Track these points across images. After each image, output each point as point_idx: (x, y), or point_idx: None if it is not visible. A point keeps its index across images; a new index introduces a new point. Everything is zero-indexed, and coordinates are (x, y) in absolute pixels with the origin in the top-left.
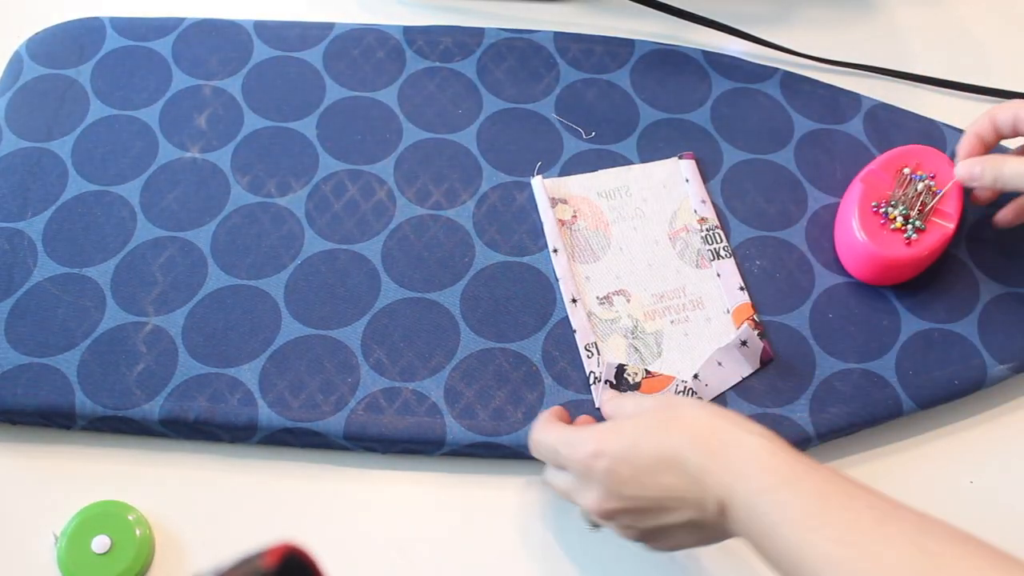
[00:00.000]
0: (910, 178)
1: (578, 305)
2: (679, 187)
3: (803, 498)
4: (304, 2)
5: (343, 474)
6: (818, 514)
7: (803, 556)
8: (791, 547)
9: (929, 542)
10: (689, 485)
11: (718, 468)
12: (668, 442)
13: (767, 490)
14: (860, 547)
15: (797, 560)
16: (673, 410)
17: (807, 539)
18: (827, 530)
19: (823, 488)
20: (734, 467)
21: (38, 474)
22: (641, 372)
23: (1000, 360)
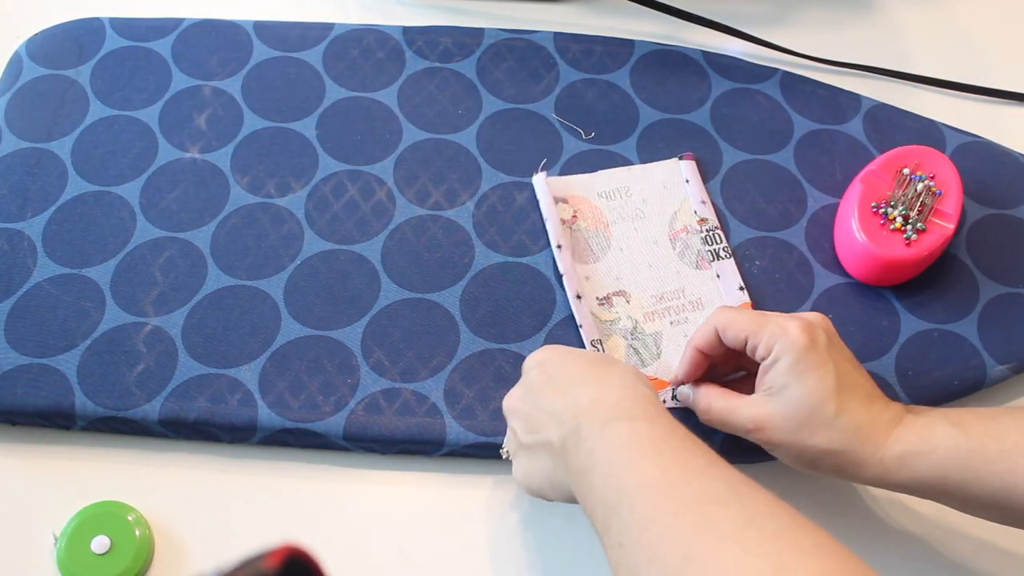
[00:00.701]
0: (910, 178)
1: (582, 302)
2: (679, 188)
3: (652, 431)
4: (304, 2)
5: (343, 474)
6: (658, 445)
7: (624, 477)
8: (617, 470)
9: (743, 488)
10: (568, 407)
11: (600, 399)
12: (588, 370)
13: (625, 418)
14: (676, 476)
15: (616, 483)
16: (609, 359)
17: (636, 461)
18: (657, 458)
19: (676, 432)
20: (612, 401)
21: (38, 474)
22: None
23: (1000, 360)
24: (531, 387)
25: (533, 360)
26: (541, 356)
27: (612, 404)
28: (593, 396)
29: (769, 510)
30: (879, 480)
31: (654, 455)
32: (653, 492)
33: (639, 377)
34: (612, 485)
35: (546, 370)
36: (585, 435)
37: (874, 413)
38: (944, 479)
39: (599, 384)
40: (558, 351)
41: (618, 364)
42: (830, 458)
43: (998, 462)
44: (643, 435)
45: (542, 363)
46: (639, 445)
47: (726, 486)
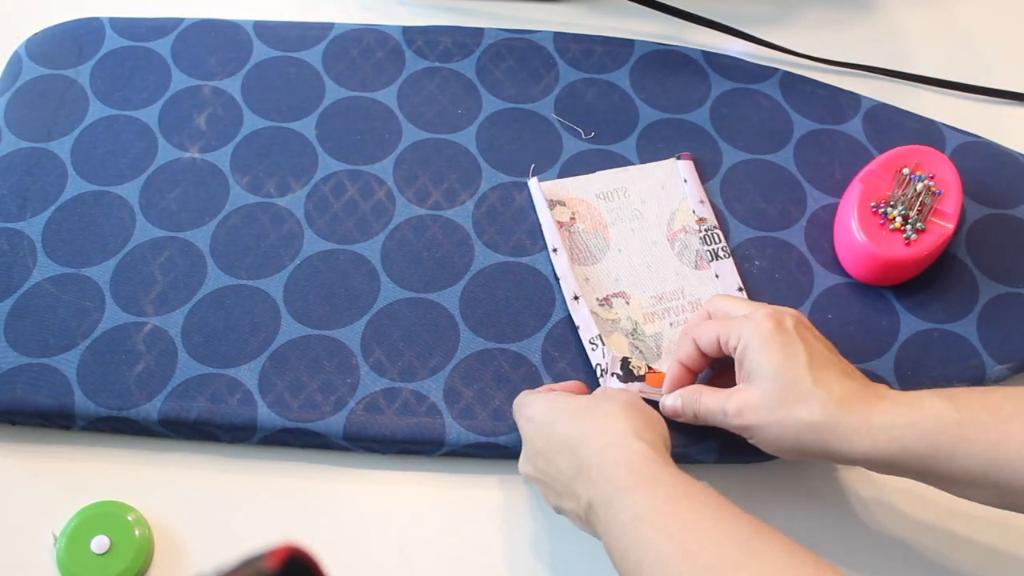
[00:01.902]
0: (909, 178)
1: (580, 302)
2: (677, 188)
3: (655, 499)
4: (304, 2)
5: (343, 474)
6: (663, 514)
7: (641, 551)
8: (633, 544)
9: (756, 543)
10: (575, 476)
11: (595, 468)
12: (575, 430)
13: (626, 490)
14: (688, 543)
15: (636, 558)
16: (600, 400)
17: (646, 535)
18: (664, 528)
19: (676, 492)
20: (606, 469)
21: (37, 474)
22: (644, 366)
23: (999, 360)
24: (534, 451)
25: (524, 415)
26: (530, 412)
27: (610, 475)
28: (593, 464)
29: (786, 563)
30: (867, 456)
31: (662, 527)
32: (670, 566)
33: (629, 422)
34: (633, 560)
35: (542, 432)
36: (599, 513)
37: (854, 385)
38: (934, 452)
39: (594, 447)
40: (543, 406)
41: (601, 410)
42: (815, 433)
43: (990, 432)
44: (646, 507)
45: (533, 421)
46: (645, 520)
47: (740, 548)
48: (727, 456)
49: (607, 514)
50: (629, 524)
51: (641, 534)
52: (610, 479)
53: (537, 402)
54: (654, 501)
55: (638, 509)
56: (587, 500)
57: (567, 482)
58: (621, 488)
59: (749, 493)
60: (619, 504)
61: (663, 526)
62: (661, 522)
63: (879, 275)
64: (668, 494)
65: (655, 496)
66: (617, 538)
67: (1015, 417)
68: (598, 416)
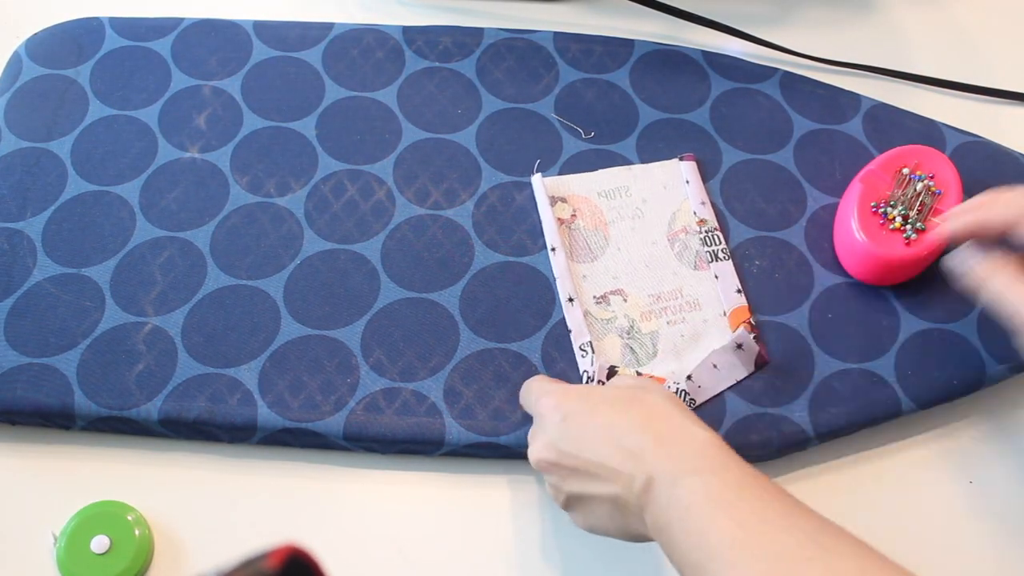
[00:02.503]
0: (909, 178)
1: (574, 304)
2: (679, 188)
3: (723, 484)
4: (304, 2)
5: (343, 474)
6: (732, 500)
7: (705, 535)
8: (696, 528)
9: (825, 539)
10: (625, 459)
11: (659, 449)
12: (622, 418)
13: (694, 472)
14: (758, 531)
15: (697, 542)
16: (640, 391)
17: (714, 519)
18: (734, 513)
19: (745, 480)
20: (674, 450)
21: (37, 474)
22: (632, 373)
23: (999, 360)
24: (562, 437)
25: (549, 406)
26: (560, 403)
27: (677, 455)
28: (653, 446)
29: (857, 559)
30: None
31: (731, 512)
32: (737, 552)
33: (684, 412)
34: (694, 543)
35: (576, 420)
36: (659, 492)
37: None
38: None
39: (651, 431)
40: (575, 395)
41: (649, 400)
42: None
43: None
44: (716, 490)
45: (564, 412)
46: (715, 502)
47: (809, 538)
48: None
49: (671, 494)
50: (696, 506)
51: (708, 517)
52: (677, 459)
53: (565, 391)
54: (722, 486)
55: (707, 492)
56: (645, 479)
57: (613, 465)
58: (688, 470)
59: None
60: (686, 485)
61: (733, 511)
62: (730, 507)
63: (879, 275)
64: (737, 481)
65: (724, 482)
66: (679, 519)
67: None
68: (648, 405)
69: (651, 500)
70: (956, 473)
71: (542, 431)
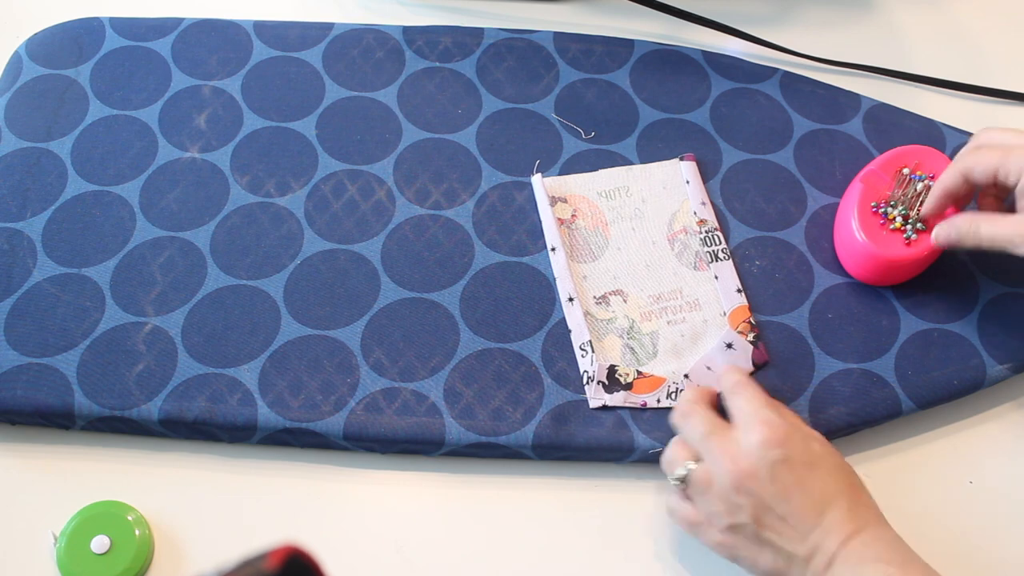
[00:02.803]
0: (909, 178)
1: (574, 304)
2: (679, 188)
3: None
4: (304, 2)
5: (343, 474)
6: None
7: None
8: None
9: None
10: (820, 532)
11: (854, 533)
12: (833, 485)
13: (877, 560)
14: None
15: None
16: (836, 455)
17: None
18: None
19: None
20: (867, 538)
21: (37, 474)
22: (633, 373)
23: (999, 360)
24: (779, 484)
25: (763, 437)
26: (781, 442)
27: (868, 544)
28: (845, 529)
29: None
30: None
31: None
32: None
33: (869, 496)
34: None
35: (794, 470)
36: (838, 571)
37: None
38: None
39: (848, 513)
40: (795, 439)
41: (848, 468)
42: None
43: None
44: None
45: (785, 454)
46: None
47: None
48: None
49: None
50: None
51: None
52: (865, 549)
53: (791, 437)
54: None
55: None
56: (829, 557)
57: (803, 527)
58: (870, 558)
59: None
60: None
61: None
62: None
63: (879, 275)
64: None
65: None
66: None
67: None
68: (850, 476)
69: (828, 570)
70: (956, 473)
71: (743, 455)
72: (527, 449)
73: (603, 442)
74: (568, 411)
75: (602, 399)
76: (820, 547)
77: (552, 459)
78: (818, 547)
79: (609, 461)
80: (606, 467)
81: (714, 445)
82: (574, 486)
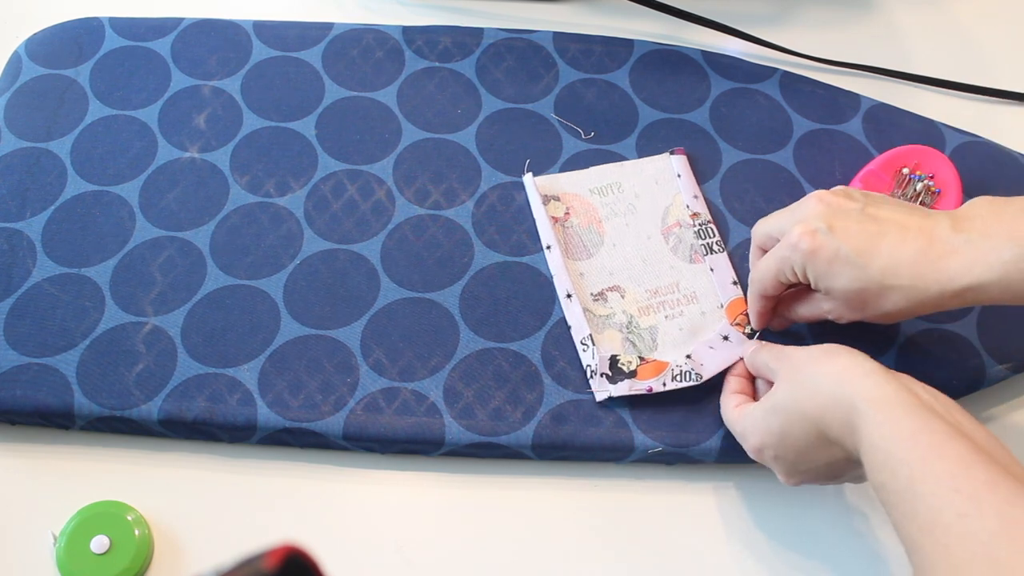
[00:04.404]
0: (909, 178)
1: (572, 300)
2: (671, 182)
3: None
4: (303, 2)
5: (342, 474)
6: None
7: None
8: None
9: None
10: (842, 450)
11: (857, 434)
12: (808, 424)
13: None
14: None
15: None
16: (802, 385)
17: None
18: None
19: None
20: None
21: (37, 474)
22: (635, 360)
23: (999, 360)
24: (781, 465)
25: (750, 445)
26: (755, 443)
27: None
28: (839, 436)
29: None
30: (962, 304)
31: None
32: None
33: (835, 382)
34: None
35: (770, 447)
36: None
37: (917, 247)
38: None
39: (825, 425)
40: (756, 429)
41: (804, 388)
42: (910, 311)
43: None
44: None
45: (761, 448)
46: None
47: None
48: (727, 456)
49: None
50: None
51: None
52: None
53: (754, 430)
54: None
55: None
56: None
57: (841, 461)
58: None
59: (748, 493)
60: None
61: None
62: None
63: None
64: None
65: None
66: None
67: None
68: (819, 402)
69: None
70: None
71: (770, 465)
72: (527, 449)
73: (603, 442)
74: (568, 411)
75: (607, 391)
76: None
77: (552, 459)
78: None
79: (609, 461)
80: (606, 467)
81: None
82: (574, 486)
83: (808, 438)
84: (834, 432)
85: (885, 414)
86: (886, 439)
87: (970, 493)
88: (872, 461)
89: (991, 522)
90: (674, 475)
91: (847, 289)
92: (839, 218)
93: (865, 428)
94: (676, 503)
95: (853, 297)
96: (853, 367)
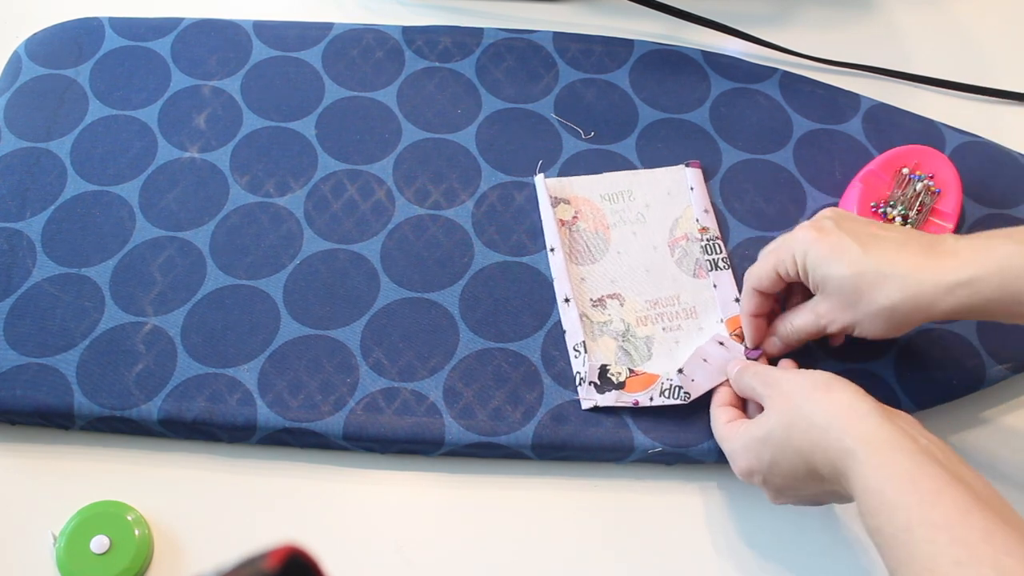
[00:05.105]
0: (909, 178)
1: (570, 305)
2: (683, 195)
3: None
4: (303, 2)
5: (342, 474)
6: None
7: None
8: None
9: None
10: (832, 485)
11: (845, 468)
12: (799, 459)
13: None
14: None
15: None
16: (795, 420)
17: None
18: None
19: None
20: (857, 468)
21: (37, 474)
22: (625, 372)
23: (999, 360)
24: (770, 489)
25: (738, 469)
26: (744, 467)
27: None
28: (831, 472)
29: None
30: (954, 311)
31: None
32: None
33: (822, 410)
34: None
35: (759, 473)
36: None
37: (916, 250)
38: (1016, 295)
39: (814, 459)
40: (745, 453)
41: (793, 416)
42: (901, 311)
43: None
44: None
45: (751, 472)
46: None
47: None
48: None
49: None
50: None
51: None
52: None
53: (743, 453)
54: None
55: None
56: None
57: (830, 492)
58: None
59: (748, 494)
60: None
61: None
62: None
63: None
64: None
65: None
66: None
67: None
68: (810, 434)
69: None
70: None
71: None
72: (527, 449)
73: (603, 442)
74: (568, 411)
75: (593, 400)
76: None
77: (552, 459)
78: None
79: (609, 461)
80: (606, 467)
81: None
82: (574, 486)
83: (797, 472)
84: (826, 471)
85: (882, 457)
86: (883, 482)
87: (967, 542)
88: (867, 504)
89: (987, 572)
90: (674, 475)
91: (843, 276)
92: (845, 220)
93: (860, 470)
94: (676, 503)
95: (848, 286)
96: (850, 408)
